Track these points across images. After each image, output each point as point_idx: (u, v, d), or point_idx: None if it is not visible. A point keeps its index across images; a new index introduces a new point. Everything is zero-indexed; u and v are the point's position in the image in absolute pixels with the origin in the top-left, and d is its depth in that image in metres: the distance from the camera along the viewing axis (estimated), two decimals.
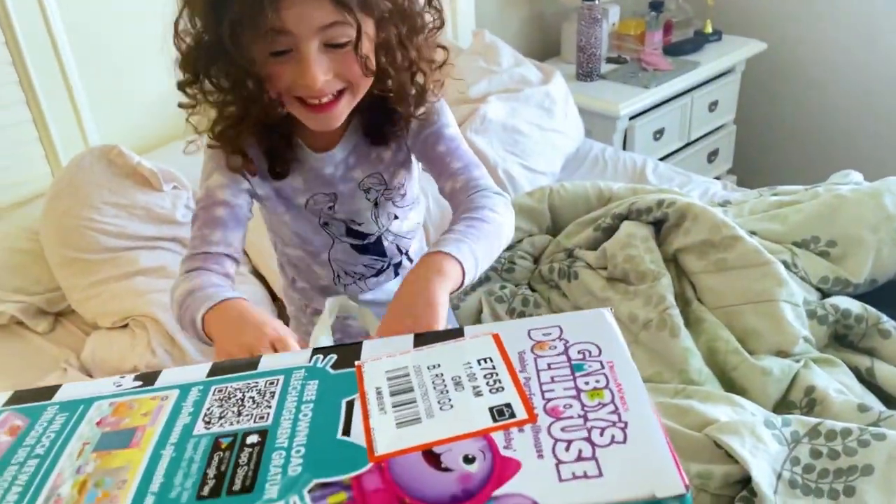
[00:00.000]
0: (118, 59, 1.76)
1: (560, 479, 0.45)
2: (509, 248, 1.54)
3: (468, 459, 0.48)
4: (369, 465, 0.48)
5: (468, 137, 1.75)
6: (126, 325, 1.41)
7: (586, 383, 0.53)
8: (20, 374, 1.40)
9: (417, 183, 1.04)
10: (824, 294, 1.29)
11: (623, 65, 2.56)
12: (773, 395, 1.11)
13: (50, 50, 1.64)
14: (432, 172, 0.95)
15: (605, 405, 0.50)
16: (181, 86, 0.88)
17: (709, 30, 2.67)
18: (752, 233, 1.35)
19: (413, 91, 0.88)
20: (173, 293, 0.86)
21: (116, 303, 1.41)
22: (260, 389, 0.57)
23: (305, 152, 0.94)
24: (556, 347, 0.56)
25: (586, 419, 0.49)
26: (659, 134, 2.49)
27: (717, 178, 2.76)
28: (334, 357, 0.60)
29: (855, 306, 1.22)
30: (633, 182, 1.89)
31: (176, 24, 0.85)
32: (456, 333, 0.60)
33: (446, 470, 0.47)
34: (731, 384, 1.14)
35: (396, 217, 1.02)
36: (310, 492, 0.47)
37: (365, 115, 0.92)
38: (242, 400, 0.56)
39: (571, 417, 0.50)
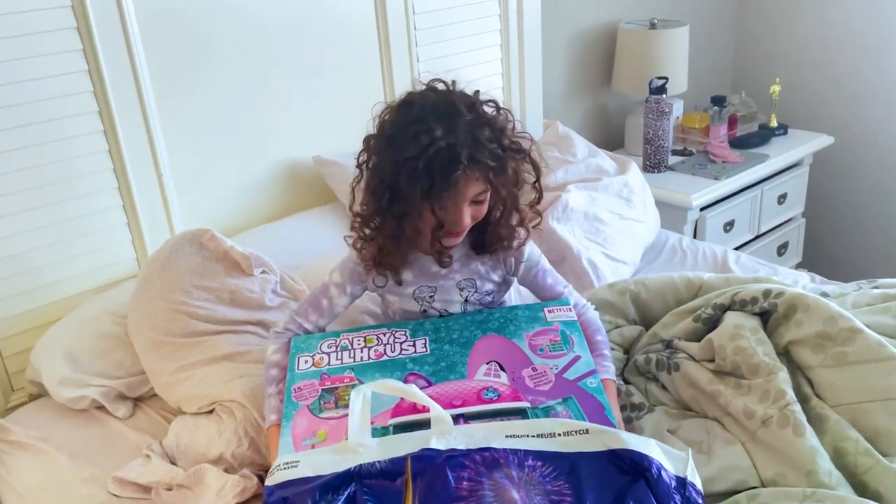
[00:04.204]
0: (205, 148, 1.81)
1: None
2: None
3: None
4: None
5: (549, 225, 1.73)
6: (211, 411, 1.38)
7: None
8: (102, 461, 1.37)
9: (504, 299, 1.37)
10: None
11: (690, 157, 2.56)
12: None
13: (145, 138, 1.69)
14: (542, 296, 1.34)
15: None
16: (353, 227, 1.24)
17: (774, 124, 2.68)
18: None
19: (513, 223, 1.23)
20: (268, 348, 1.29)
21: (203, 388, 1.38)
22: None
23: (419, 255, 1.26)
24: None
25: None
26: (729, 226, 2.46)
27: None
28: None
29: None
30: (717, 273, 1.85)
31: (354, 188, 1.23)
32: None
33: None
34: (863, 488, 1.06)
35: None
36: None
37: (472, 236, 1.25)
38: None
39: None
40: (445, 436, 0.99)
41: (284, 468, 1.00)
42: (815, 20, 2.84)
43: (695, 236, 2.39)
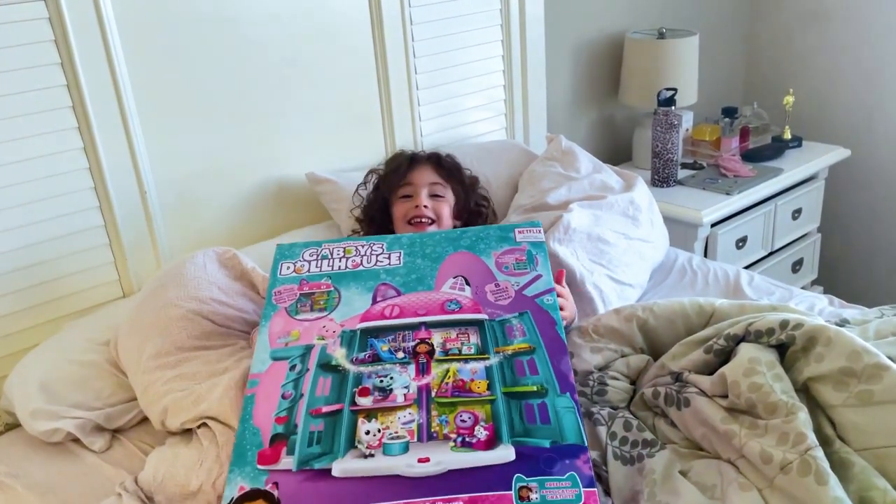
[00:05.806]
0: (192, 163, 1.73)
1: None
2: (601, 369, 1.40)
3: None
4: None
5: (550, 247, 1.64)
6: (192, 436, 1.31)
7: None
8: (73, 500, 1.29)
9: None
10: None
11: (700, 170, 2.47)
12: None
13: (127, 154, 1.62)
14: None
15: None
16: (358, 220, 1.73)
17: (788, 136, 2.59)
18: (888, 359, 1.19)
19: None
20: None
21: (192, 398, 1.32)
22: None
23: None
24: None
25: None
26: (742, 242, 2.36)
27: (802, 289, 2.60)
28: None
29: None
30: (728, 295, 1.75)
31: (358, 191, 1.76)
32: None
33: None
34: None
35: None
36: None
37: None
38: None
39: None
40: None
41: None
42: (829, 27, 2.74)
43: (706, 254, 2.30)
